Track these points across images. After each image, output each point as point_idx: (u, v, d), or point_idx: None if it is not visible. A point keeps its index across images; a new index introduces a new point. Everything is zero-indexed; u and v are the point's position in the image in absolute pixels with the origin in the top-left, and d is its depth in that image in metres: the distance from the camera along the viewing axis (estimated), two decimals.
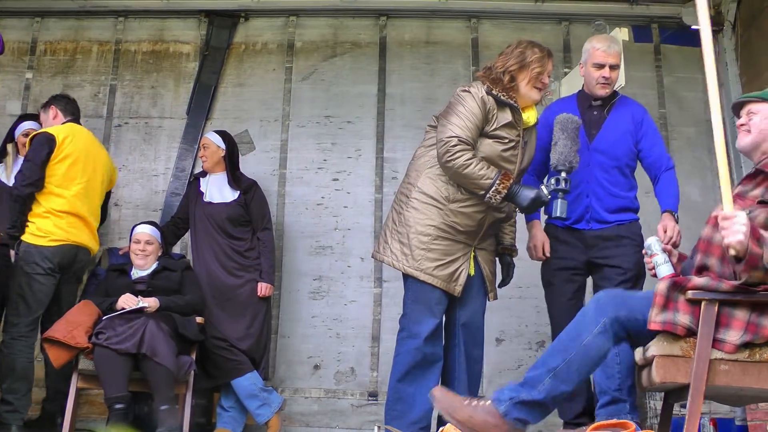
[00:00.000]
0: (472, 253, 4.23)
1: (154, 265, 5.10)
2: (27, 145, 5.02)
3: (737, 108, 3.33)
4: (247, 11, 6.55)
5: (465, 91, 4.14)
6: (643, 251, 3.45)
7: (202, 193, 5.43)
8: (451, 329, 4.30)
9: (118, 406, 4.40)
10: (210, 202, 5.39)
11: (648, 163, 4.54)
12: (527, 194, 4.01)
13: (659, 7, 6.37)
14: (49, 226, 4.87)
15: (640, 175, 4.68)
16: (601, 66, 4.50)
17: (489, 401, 3.07)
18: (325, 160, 6.25)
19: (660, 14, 6.39)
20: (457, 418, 3.06)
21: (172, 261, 5.24)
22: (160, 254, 5.19)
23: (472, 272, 4.22)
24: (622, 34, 5.19)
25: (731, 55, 6.17)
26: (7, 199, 5.01)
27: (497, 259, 4.52)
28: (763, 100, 3.25)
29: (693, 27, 6.21)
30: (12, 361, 4.72)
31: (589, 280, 4.63)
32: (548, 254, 4.54)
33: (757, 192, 3.05)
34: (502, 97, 4.09)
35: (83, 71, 6.45)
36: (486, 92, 4.09)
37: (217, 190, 5.44)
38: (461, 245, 4.16)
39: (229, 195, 5.41)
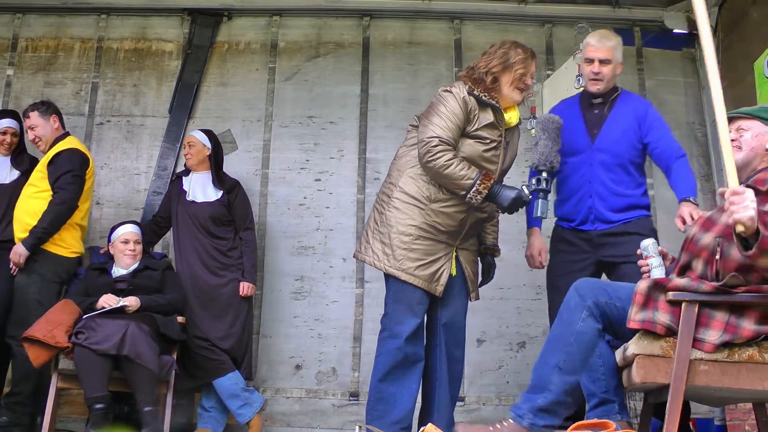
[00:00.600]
0: (454, 253, 4.23)
1: (136, 264, 5.08)
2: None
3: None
4: (230, 10, 6.53)
5: (446, 91, 4.14)
6: (638, 252, 3.44)
7: (185, 192, 5.41)
8: (433, 329, 4.29)
9: (98, 406, 4.38)
10: (193, 201, 5.37)
11: (657, 155, 4.43)
12: (508, 194, 4.01)
13: (641, 10, 6.40)
14: (70, 239, 5.15)
15: None
16: (590, 61, 4.45)
17: (510, 420, 3.11)
18: (307, 161, 6.25)
19: (642, 18, 6.43)
20: None
21: (153, 260, 5.22)
22: None
23: (454, 272, 4.21)
24: None
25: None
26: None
27: (479, 258, 4.53)
28: (753, 116, 3.24)
29: (675, 31, 6.26)
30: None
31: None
32: (545, 263, 4.50)
33: None
34: (483, 97, 4.08)
35: (65, 68, 6.41)
36: (467, 92, 4.09)
37: (201, 189, 5.42)
38: (443, 245, 4.15)
39: (213, 194, 5.40)
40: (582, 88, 4.78)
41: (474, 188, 3.96)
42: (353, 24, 6.58)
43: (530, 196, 4.07)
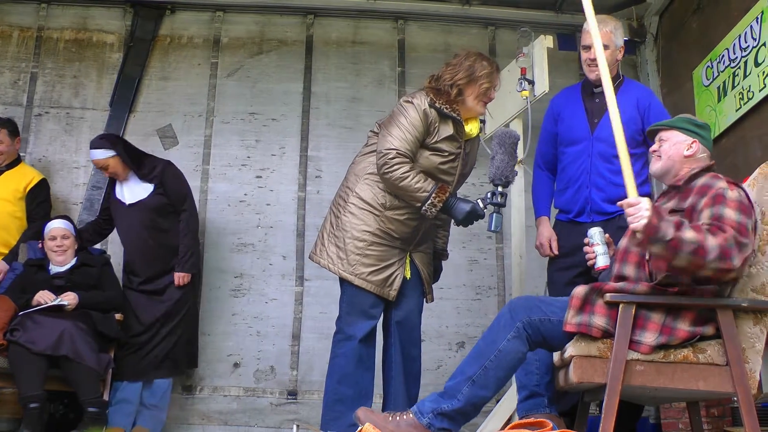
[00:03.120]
0: (408, 258, 4.26)
1: (73, 261, 5.00)
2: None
3: (651, 135, 3.49)
4: (174, 4, 6.47)
5: (408, 102, 4.12)
6: (585, 240, 3.54)
7: (119, 199, 5.26)
8: (387, 328, 4.31)
9: (32, 405, 4.29)
10: (131, 204, 5.22)
11: None
12: (463, 207, 4.03)
13: (584, 16, 6.46)
14: None
15: None
16: (587, 48, 4.39)
17: (411, 414, 3.16)
18: (248, 157, 6.22)
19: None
20: None
21: (90, 256, 5.14)
22: (76, 248, 5.07)
23: (408, 275, 4.24)
24: (547, 41, 5.19)
25: (653, 66, 6.33)
26: None
27: None
28: (671, 127, 3.40)
29: None
30: None
31: None
32: (555, 251, 4.46)
33: (670, 204, 3.23)
34: (445, 109, 4.07)
35: (3, 57, 6.27)
36: (429, 104, 4.07)
37: (129, 190, 5.26)
38: (397, 251, 4.18)
39: (143, 191, 5.23)
40: (525, 92, 4.81)
41: (429, 201, 3.99)
42: (297, 22, 6.57)
43: (485, 210, 4.08)
